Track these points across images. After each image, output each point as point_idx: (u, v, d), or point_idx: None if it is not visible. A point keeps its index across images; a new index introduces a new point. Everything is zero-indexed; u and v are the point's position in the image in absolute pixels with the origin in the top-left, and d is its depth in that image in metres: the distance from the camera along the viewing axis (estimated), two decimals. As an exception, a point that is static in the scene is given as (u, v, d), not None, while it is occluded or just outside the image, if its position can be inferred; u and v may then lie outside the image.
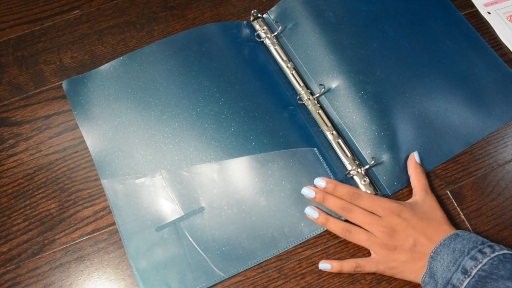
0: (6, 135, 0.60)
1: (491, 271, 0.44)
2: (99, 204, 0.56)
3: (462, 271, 0.45)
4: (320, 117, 0.59)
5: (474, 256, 0.45)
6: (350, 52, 0.62)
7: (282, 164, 0.56)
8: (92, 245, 0.54)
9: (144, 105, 0.60)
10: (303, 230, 0.54)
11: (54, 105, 0.61)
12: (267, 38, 0.64)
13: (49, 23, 0.66)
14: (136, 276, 0.52)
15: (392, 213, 0.51)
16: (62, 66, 0.63)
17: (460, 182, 0.57)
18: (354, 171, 0.55)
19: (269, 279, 0.53)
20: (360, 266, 0.51)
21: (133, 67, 0.62)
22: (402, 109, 0.59)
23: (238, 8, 0.67)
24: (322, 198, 0.53)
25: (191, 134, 0.58)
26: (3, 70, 0.63)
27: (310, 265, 0.53)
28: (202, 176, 0.56)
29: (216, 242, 0.53)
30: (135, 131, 0.59)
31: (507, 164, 0.57)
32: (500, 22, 0.65)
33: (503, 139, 0.58)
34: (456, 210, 0.55)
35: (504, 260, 0.44)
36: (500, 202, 0.55)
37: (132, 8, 0.67)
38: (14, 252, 0.54)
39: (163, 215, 0.54)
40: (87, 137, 0.59)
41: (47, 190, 0.57)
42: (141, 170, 0.57)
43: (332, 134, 0.58)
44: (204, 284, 0.51)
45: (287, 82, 0.62)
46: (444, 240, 0.48)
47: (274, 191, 0.55)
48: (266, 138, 0.57)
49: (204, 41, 0.63)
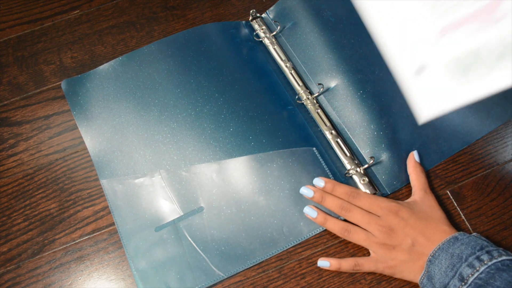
0: (6, 135, 0.60)
1: (487, 280, 0.44)
2: (99, 204, 0.56)
3: (459, 278, 0.45)
4: (319, 117, 0.59)
5: (471, 263, 0.45)
6: (349, 51, 0.62)
7: (281, 164, 0.56)
8: (92, 245, 0.54)
9: (143, 105, 0.60)
10: (302, 229, 0.54)
11: (54, 105, 0.61)
12: (266, 38, 0.64)
13: (49, 23, 0.66)
14: (135, 276, 0.52)
15: (390, 212, 0.51)
16: (62, 66, 0.64)
17: (460, 182, 0.56)
18: (353, 171, 0.55)
19: (269, 279, 0.53)
20: (359, 265, 0.51)
21: (132, 67, 0.62)
22: (401, 108, 0.59)
23: (238, 8, 0.67)
24: (321, 197, 0.53)
25: (190, 134, 0.58)
26: (3, 70, 0.63)
27: (310, 265, 0.53)
28: (201, 176, 0.56)
29: (216, 242, 0.53)
30: (134, 131, 0.59)
31: (507, 164, 0.57)
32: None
33: (503, 139, 0.58)
34: (456, 210, 0.55)
35: (501, 269, 0.44)
36: (500, 202, 0.55)
37: (132, 8, 0.67)
38: (14, 252, 0.54)
39: (162, 215, 0.54)
40: (86, 137, 0.59)
41: (47, 190, 0.57)
42: (140, 170, 0.57)
43: (331, 134, 0.58)
44: (203, 284, 0.51)
45: (286, 82, 0.62)
46: (443, 244, 0.48)
47: (273, 190, 0.55)
48: (265, 137, 0.58)
49: (203, 41, 0.63)
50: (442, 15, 0.61)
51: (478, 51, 0.60)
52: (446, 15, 0.61)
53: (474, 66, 0.60)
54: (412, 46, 0.62)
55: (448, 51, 0.61)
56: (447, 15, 0.61)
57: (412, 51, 0.62)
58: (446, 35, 0.61)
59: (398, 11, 0.63)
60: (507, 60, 0.58)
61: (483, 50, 0.60)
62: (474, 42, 0.60)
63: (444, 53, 0.61)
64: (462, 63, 0.60)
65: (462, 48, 0.61)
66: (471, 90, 0.60)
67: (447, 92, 0.60)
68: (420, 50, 0.62)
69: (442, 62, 0.61)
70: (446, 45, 0.61)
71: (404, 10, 0.63)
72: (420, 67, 0.62)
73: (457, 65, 0.60)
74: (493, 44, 0.59)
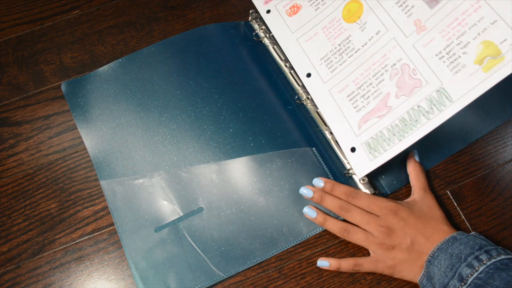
0: (6, 135, 0.60)
1: (487, 280, 0.44)
2: (99, 204, 0.56)
3: (459, 278, 0.45)
4: (319, 116, 0.59)
5: (470, 263, 0.45)
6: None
7: (281, 164, 0.56)
8: (92, 245, 0.55)
9: (143, 106, 0.60)
10: (302, 229, 0.54)
11: (54, 105, 0.61)
12: (266, 38, 0.64)
13: (49, 23, 0.66)
14: (135, 276, 0.52)
15: (390, 212, 0.51)
16: (62, 66, 0.64)
17: (460, 182, 0.56)
18: (353, 171, 0.55)
19: (269, 279, 0.53)
20: (358, 265, 0.51)
21: (132, 68, 0.62)
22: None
23: (238, 8, 0.67)
24: (320, 197, 0.53)
25: (189, 135, 0.58)
26: (3, 70, 0.63)
27: (310, 265, 0.53)
28: (201, 177, 0.56)
29: (215, 242, 0.53)
30: (134, 132, 0.59)
31: (507, 164, 0.57)
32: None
33: (503, 139, 0.58)
34: (456, 210, 0.55)
35: (500, 268, 0.44)
36: (500, 202, 0.55)
37: (132, 8, 0.67)
38: (14, 252, 0.54)
39: (162, 216, 0.54)
40: (86, 139, 0.59)
41: (47, 190, 0.57)
42: (140, 171, 0.57)
43: (330, 133, 0.58)
44: (203, 284, 0.51)
45: (285, 82, 0.62)
46: (442, 244, 0.48)
47: (273, 191, 0.55)
48: (265, 138, 0.58)
49: (202, 42, 0.63)
50: None
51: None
52: None
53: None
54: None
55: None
56: None
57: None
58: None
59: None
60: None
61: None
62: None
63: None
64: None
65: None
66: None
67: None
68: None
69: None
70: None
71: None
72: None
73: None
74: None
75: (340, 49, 0.57)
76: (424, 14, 0.51)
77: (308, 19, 0.60)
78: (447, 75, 0.48)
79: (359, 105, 0.53)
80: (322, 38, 0.58)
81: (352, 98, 0.54)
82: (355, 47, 0.56)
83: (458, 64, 0.48)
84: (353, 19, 0.56)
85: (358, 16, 0.56)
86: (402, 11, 0.52)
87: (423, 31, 0.51)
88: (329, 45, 0.57)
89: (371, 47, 0.54)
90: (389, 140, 0.50)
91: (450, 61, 0.48)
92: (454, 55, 0.48)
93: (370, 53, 0.54)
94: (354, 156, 0.53)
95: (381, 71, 0.53)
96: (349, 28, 0.57)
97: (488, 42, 0.46)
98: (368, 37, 0.55)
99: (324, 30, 0.58)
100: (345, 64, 0.56)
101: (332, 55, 0.57)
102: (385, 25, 0.54)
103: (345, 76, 0.56)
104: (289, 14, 0.61)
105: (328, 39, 0.58)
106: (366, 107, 0.53)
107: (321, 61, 0.58)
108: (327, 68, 0.57)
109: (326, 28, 0.58)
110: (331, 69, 0.57)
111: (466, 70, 0.47)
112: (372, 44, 0.54)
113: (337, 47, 0.57)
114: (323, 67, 0.57)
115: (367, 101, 0.53)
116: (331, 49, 0.57)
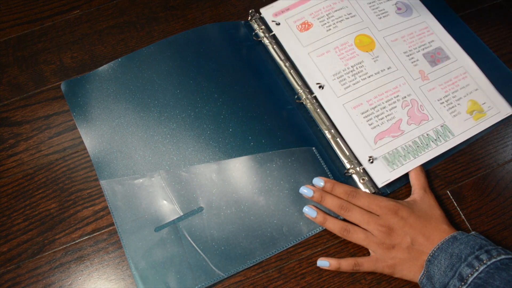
0: (6, 135, 0.60)
1: (487, 280, 0.44)
2: (99, 204, 0.56)
3: (459, 278, 0.45)
4: (319, 116, 0.59)
5: (470, 263, 0.45)
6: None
7: (281, 164, 0.56)
8: (92, 245, 0.54)
9: (143, 106, 0.60)
10: (302, 229, 0.54)
11: (54, 105, 0.61)
12: (265, 38, 0.64)
13: (49, 23, 0.66)
14: (135, 276, 0.52)
15: (390, 211, 0.51)
16: (62, 66, 0.64)
17: (460, 182, 0.56)
18: (353, 170, 0.55)
19: (269, 279, 0.53)
20: (358, 265, 0.51)
21: (132, 68, 0.62)
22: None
23: (238, 8, 0.67)
24: (320, 197, 0.53)
25: (189, 135, 0.58)
26: (3, 70, 0.63)
27: (310, 265, 0.53)
28: (201, 176, 0.56)
29: (215, 241, 0.53)
30: (134, 132, 0.59)
31: (507, 164, 0.57)
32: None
33: (503, 139, 0.58)
34: (456, 210, 0.55)
35: (500, 268, 0.44)
36: (500, 202, 0.55)
37: (132, 8, 0.67)
38: (14, 252, 0.54)
39: (162, 215, 0.54)
40: (86, 138, 0.59)
41: (47, 190, 0.57)
42: (139, 170, 0.57)
43: (330, 133, 0.58)
44: (203, 283, 0.51)
45: (285, 81, 0.62)
46: (442, 244, 0.48)
47: (272, 190, 0.55)
48: (265, 138, 0.57)
49: (202, 41, 0.63)
50: None
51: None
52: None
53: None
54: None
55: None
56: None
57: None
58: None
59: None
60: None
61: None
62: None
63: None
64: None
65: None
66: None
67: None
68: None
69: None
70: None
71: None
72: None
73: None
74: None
75: (353, 70, 0.60)
76: (426, 69, 0.61)
77: (319, 37, 0.62)
78: (447, 116, 0.58)
79: (373, 124, 0.57)
80: (334, 57, 0.61)
81: (367, 116, 0.57)
82: (368, 73, 0.59)
83: (455, 110, 0.59)
84: (366, 49, 0.61)
85: (371, 49, 0.61)
86: (409, 60, 0.61)
87: (426, 80, 0.60)
88: (341, 65, 0.60)
89: (384, 77, 0.59)
90: (405, 156, 0.55)
91: (449, 107, 0.58)
92: (452, 104, 0.59)
93: (383, 81, 0.59)
94: (373, 167, 0.55)
95: (394, 99, 0.59)
96: (362, 55, 0.60)
97: (474, 101, 0.59)
98: (381, 68, 0.60)
99: (336, 50, 0.61)
100: (358, 85, 0.59)
101: (345, 74, 0.60)
102: (395, 65, 0.60)
103: (359, 95, 0.59)
104: (300, 29, 0.63)
105: (341, 59, 0.60)
106: (380, 126, 0.57)
107: (334, 77, 0.60)
108: (341, 85, 0.59)
109: (338, 49, 0.61)
110: (344, 86, 0.59)
111: (461, 116, 0.58)
112: (385, 75, 0.59)
113: (350, 68, 0.60)
114: (336, 83, 0.59)
115: (381, 121, 0.57)
116: (344, 68, 0.60)
